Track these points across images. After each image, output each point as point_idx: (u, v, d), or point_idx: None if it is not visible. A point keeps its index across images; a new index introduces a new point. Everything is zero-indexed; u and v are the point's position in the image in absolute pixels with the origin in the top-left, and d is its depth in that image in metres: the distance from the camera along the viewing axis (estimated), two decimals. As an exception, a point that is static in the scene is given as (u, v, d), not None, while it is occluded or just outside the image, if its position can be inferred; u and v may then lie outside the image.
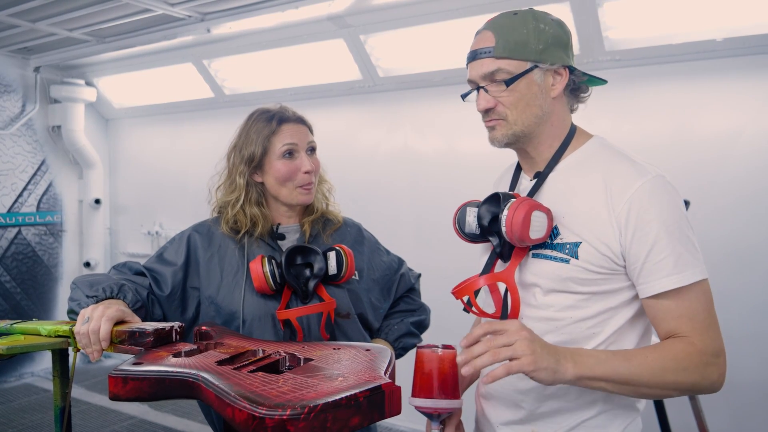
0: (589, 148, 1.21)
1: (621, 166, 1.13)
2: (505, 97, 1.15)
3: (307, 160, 1.45)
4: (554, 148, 1.21)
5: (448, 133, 3.43)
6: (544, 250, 1.15)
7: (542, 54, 1.14)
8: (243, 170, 1.47)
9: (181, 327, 1.18)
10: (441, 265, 2.30)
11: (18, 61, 4.48)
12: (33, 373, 4.68)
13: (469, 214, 1.24)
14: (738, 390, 2.60)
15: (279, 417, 0.80)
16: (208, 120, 4.46)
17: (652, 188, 1.08)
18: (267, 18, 3.26)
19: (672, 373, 1.03)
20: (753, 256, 2.56)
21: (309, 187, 1.47)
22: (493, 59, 1.15)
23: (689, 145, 2.70)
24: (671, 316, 1.07)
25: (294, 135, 1.46)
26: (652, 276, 1.06)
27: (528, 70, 1.14)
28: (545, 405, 1.17)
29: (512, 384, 1.19)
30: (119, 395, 0.98)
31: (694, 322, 1.06)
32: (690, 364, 1.04)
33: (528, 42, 1.13)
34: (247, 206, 1.47)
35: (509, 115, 1.16)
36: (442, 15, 2.97)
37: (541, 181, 1.20)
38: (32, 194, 4.66)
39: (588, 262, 1.10)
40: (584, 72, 1.22)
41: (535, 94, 1.16)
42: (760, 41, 2.46)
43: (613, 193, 1.10)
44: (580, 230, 1.12)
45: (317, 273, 1.40)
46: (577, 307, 1.13)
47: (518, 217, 1.09)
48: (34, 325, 1.30)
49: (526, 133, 1.18)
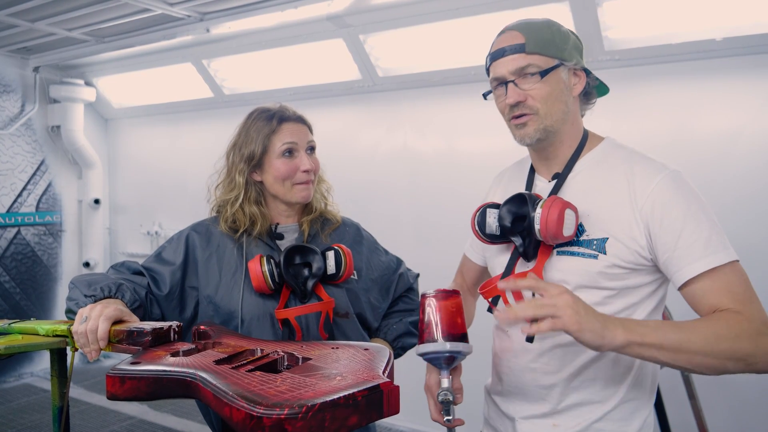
0: (604, 148, 1.25)
1: (640, 163, 1.17)
2: (537, 90, 1.18)
3: (306, 159, 1.46)
4: (572, 149, 1.25)
5: (447, 132, 3.43)
6: (570, 247, 1.18)
7: (567, 53, 1.20)
8: (242, 168, 1.47)
9: (179, 326, 1.18)
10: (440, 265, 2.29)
11: (17, 60, 4.47)
12: (32, 373, 4.68)
13: (489, 216, 1.26)
14: (737, 389, 2.60)
15: (277, 416, 0.80)
16: (207, 120, 4.46)
17: (672, 180, 1.13)
18: (266, 18, 3.26)
19: (726, 340, 1.01)
20: (753, 256, 2.55)
21: (308, 185, 1.47)
22: (525, 55, 1.18)
23: (689, 144, 2.69)
24: (711, 294, 1.06)
25: (294, 134, 1.46)
26: (684, 261, 1.08)
27: (556, 65, 1.18)
28: (569, 398, 1.19)
29: (536, 380, 1.22)
30: (117, 395, 0.98)
31: (736, 296, 1.06)
32: (742, 331, 1.01)
33: (555, 40, 1.19)
34: (246, 205, 1.47)
35: (540, 109, 1.19)
36: (442, 15, 2.97)
37: (561, 182, 1.23)
38: (31, 194, 4.66)
39: (616, 256, 1.13)
40: (596, 77, 1.27)
41: (562, 90, 1.20)
42: (759, 41, 2.46)
43: (635, 188, 1.13)
44: (606, 226, 1.15)
45: (316, 272, 1.40)
46: (603, 304, 1.15)
47: (553, 216, 1.11)
48: (32, 325, 1.30)
49: (555, 129, 1.21)
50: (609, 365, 1.17)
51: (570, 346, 1.17)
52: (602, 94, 1.31)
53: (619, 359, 1.17)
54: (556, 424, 1.20)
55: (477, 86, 1.55)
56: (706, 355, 1.01)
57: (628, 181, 1.15)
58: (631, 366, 1.17)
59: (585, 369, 1.18)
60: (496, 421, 1.34)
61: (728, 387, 2.60)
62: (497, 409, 1.33)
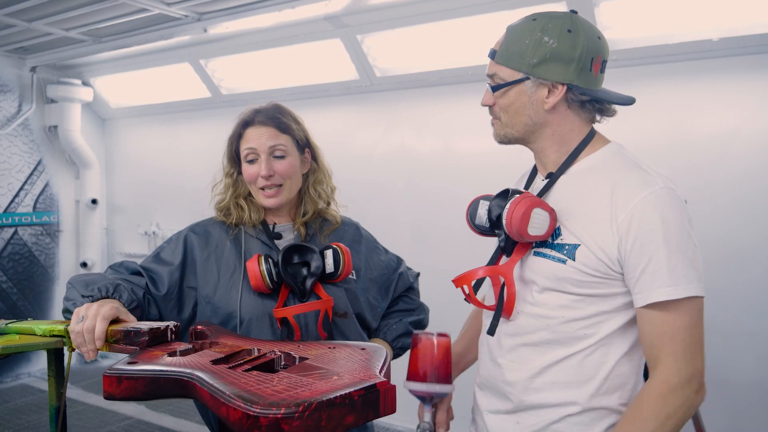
0: (602, 154, 1.22)
1: (630, 175, 1.14)
2: (499, 99, 1.21)
3: (264, 165, 1.43)
4: (563, 153, 1.23)
5: (445, 132, 3.44)
6: (544, 249, 1.18)
7: (535, 68, 1.15)
8: (230, 170, 1.54)
9: (176, 326, 1.18)
10: (438, 265, 2.30)
11: (14, 60, 4.46)
12: (29, 373, 4.67)
13: (481, 207, 1.27)
14: (734, 389, 2.60)
15: (273, 416, 0.80)
16: (205, 120, 4.45)
17: (656, 199, 1.09)
18: (264, 18, 3.26)
19: (663, 428, 1.06)
20: (750, 256, 2.57)
21: (271, 193, 1.46)
22: (494, 63, 1.21)
23: (686, 144, 2.70)
24: (655, 331, 1.08)
25: (254, 140, 1.45)
26: (647, 286, 1.08)
27: (519, 80, 1.17)
28: (531, 397, 1.19)
29: (501, 375, 1.23)
30: (114, 394, 0.98)
31: (674, 342, 1.07)
32: (671, 409, 1.06)
33: (524, 54, 1.16)
34: (233, 199, 1.52)
35: (502, 117, 1.22)
36: (439, 15, 2.97)
37: (552, 182, 1.23)
38: (29, 194, 4.65)
39: (584, 264, 1.12)
40: (585, 91, 1.18)
41: (525, 104, 1.19)
42: (756, 41, 2.47)
43: (617, 200, 1.11)
44: (581, 233, 1.14)
45: (314, 271, 1.39)
46: (570, 308, 1.15)
47: (518, 212, 1.12)
48: (29, 325, 1.30)
49: (518, 137, 1.23)
50: (573, 370, 1.16)
51: (536, 346, 1.18)
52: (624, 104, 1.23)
53: (584, 364, 1.15)
54: (519, 421, 1.21)
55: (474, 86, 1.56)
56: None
57: (613, 192, 1.12)
58: (595, 374, 1.15)
59: (547, 370, 1.18)
60: (475, 412, 1.36)
61: (726, 389, 2.61)
62: (475, 402, 1.35)
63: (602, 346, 1.15)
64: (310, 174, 1.55)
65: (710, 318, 3.02)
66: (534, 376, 1.19)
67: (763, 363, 2.55)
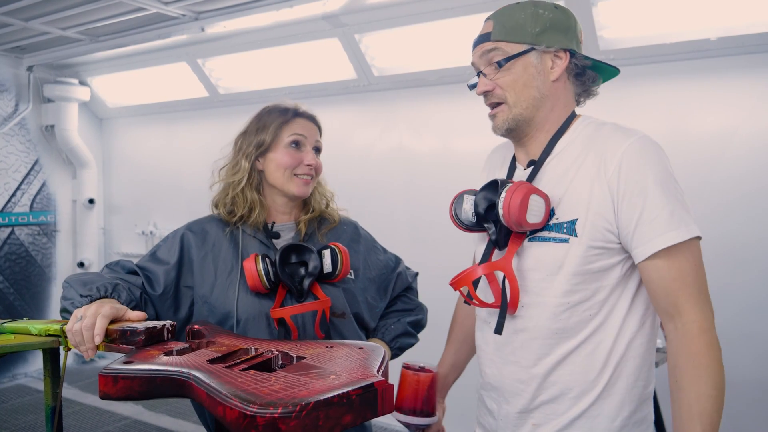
0: (576, 129, 1.21)
1: (607, 136, 1.15)
2: (501, 78, 1.17)
3: (311, 154, 1.49)
4: (550, 134, 1.21)
5: (443, 132, 3.43)
6: (542, 232, 1.15)
7: (539, 36, 1.15)
8: (250, 153, 1.49)
9: (172, 326, 1.17)
10: (436, 264, 2.29)
11: (11, 60, 4.45)
12: (26, 374, 4.66)
13: (466, 202, 1.24)
14: (733, 388, 2.59)
15: (270, 415, 0.79)
16: (202, 119, 4.45)
17: (640, 147, 1.10)
18: (261, 17, 3.25)
19: (712, 390, 1.04)
20: (748, 256, 2.57)
21: (307, 181, 1.48)
22: (490, 43, 1.17)
23: (684, 144, 2.70)
24: (665, 279, 1.06)
25: (304, 128, 1.50)
26: (647, 236, 1.06)
27: (524, 51, 1.15)
28: (548, 392, 1.16)
29: (513, 374, 1.20)
30: (110, 394, 0.97)
31: (688, 287, 1.06)
32: (719, 352, 1.05)
33: (525, 25, 1.15)
34: (247, 189, 1.49)
35: (508, 97, 1.17)
36: (437, 14, 2.97)
37: (537, 169, 1.20)
38: (25, 194, 4.64)
39: (587, 237, 1.10)
40: (588, 57, 1.21)
41: (533, 76, 1.16)
42: (753, 40, 2.47)
43: (601, 159, 1.11)
44: (576, 207, 1.12)
45: (312, 271, 1.39)
46: (573, 291, 1.13)
47: (516, 200, 1.08)
48: (25, 324, 1.29)
49: (526, 116, 1.18)
50: (588, 357, 1.14)
51: (546, 338, 1.15)
52: (609, 77, 1.25)
53: (598, 349, 1.13)
54: (535, 424, 1.18)
55: (472, 85, 1.56)
56: (719, 409, 1.04)
57: (595, 154, 1.13)
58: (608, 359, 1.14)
59: (562, 362, 1.15)
60: (481, 417, 1.33)
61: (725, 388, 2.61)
62: (483, 404, 1.32)
63: (613, 327, 1.13)
64: None
65: (708, 317, 2.97)
66: (550, 370, 1.16)
67: (762, 363, 2.55)
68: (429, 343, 1.75)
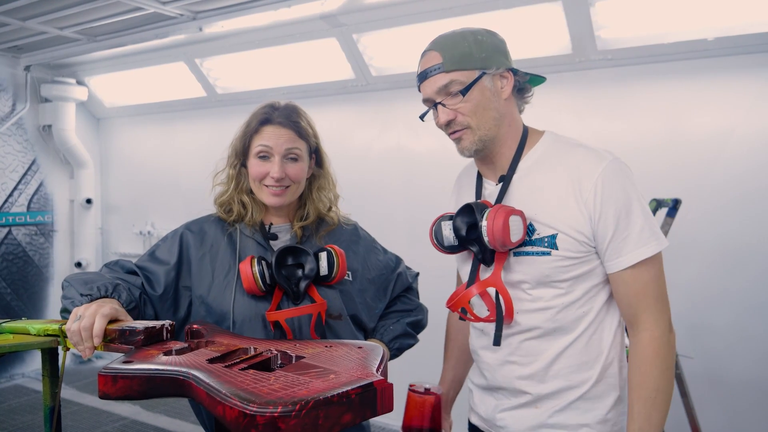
0: (544, 144, 1.28)
1: (580, 155, 1.22)
2: (463, 106, 1.23)
3: (276, 166, 1.41)
4: (513, 150, 1.28)
5: (440, 132, 3.41)
6: (524, 247, 1.23)
7: (486, 61, 1.22)
8: (234, 162, 1.50)
9: (171, 325, 1.17)
10: (435, 264, 2.29)
11: (8, 59, 4.44)
12: (24, 374, 4.65)
13: (444, 228, 1.31)
14: (729, 387, 2.61)
15: (270, 414, 0.79)
16: (200, 119, 4.44)
17: (613, 171, 1.18)
18: (259, 17, 3.25)
19: (664, 389, 1.18)
20: (744, 255, 2.58)
21: (278, 191, 1.44)
22: (444, 73, 1.23)
23: (681, 144, 2.71)
24: (630, 291, 1.19)
25: (270, 138, 1.43)
26: (618, 252, 1.17)
27: (478, 78, 1.22)
28: (548, 385, 1.25)
29: (514, 372, 1.28)
30: (109, 394, 0.97)
31: (647, 297, 1.18)
32: (669, 361, 1.19)
33: (472, 53, 1.22)
34: (238, 194, 1.50)
35: (471, 122, 1.24)
36: (435, 14, 2.97)
37: (507, 184, 1.27)
38: (23, 194, 4.63)
39: (566, 249, 1.19)
40: (525, 72, 1.29)
41: (489, 99, 1.23)
42: (751, 40, 2.47)
43: (580, 179, 1.19)
44: (554, 222, 1.20)
45: (308, 274, 1.38)
46: (565, 293, 1.22)
47: (498, 225, 1.16)
48: (23, 324, 1.29)
49: (490, 136, 1.25)
50: (582, 350, 1.24)
51: (542, 337, 1.24)
52: (537, 83, 1.32)
53: (591, 342, 1.24)
54: (537, 406, 1.27)
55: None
56: (667, 402, 1.19)
57: (571, 174, 1.20)
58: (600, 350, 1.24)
59: (559, 357, 1.24)
60: (479, 407, 1.40)
61: (720, 385, 2.62)
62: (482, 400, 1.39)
63: (600, 321, 1.24)
64: (314, 179, 1.54)
65: (707, 318, 3.05)
66: (548, 365, 1.24)
67: (760, 362, 2.56)
68: (429, 345, 1.75)
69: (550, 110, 1.25)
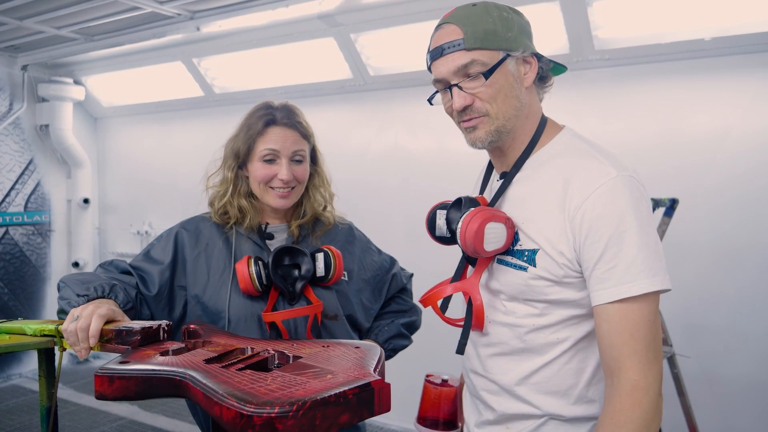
0: (558, 142, 1.14)
1: (585, 164, 1.06)
2: (483, 91, 1.07)
3: (285, 169, 1.41)
4: (525, 144, 1.15)
5: (439, 132, 3.44)
6: (506, 256, 1.12)
7: (512, 42, 1.07)
8: (231, 164, 1.48)
9: (168, 325, 1.17)
10: (432, 265, 2.29)
11: (5, 59, 4.43)
12: (21, 374, 4.64)
13: (439, 218, 1.22)
14: (726, 386, 2.61)
15: (267, 415, 0.79)
16: (197, 119, 4.44)
17: (611, 190, 1.01)
18: (257, 16, 3.25)
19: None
20: (742, 255, 2.58)
21: (284, 193, 1.44)
22: (464, 51, 1.06)
23: (678, 143, 2.71)
24: (613, 329, 1.00)
25: (277, 141, 1.42)
26: (601, 282, 1.00)
27: (502, 59, 1.06)
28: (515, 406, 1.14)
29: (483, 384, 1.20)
30: (105, 394, 0.97)
31: (635, 340, 0.99)
32: (649, 416, 0.98)
33: (497, 30, 1.06)
34: (235, 198, 1.48)
35: (490, 110, 1.08)
36: (433, 14, 2.97)
37: (508, 182, 1.15)
38: (20, 194, 4.62)
39: (545, 270, 1.06)
40: (549, 59, 1.16)
41: (512, 85, 1.08)
42: (748, 40, 2.48)
43: (571, 194, 1.04)
44: (538, 237, 1.07)
45: (305, 274, 1.38)
46: (539, 315, 1.10)
47: (471, 231, 1.05)
48: (20, 325, 1.28)
49: (508, 127, 1.10)
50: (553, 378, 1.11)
51: (510, 355, 1.14)
52: (558, 73, 1.19)
53: (563, 371, 1.10)
54: (509, 426, 1.16)
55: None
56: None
57: (565, 187, 1.05)
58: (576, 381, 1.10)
59: (527, 379, 1.13)
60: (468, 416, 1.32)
61: (717, 385, 2.62)
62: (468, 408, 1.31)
63: (580, 351, 1.09)
64: (309, 177, 1.53)
65: (704, 317, 3.05)
66: (515, 384, 1.13)
67: (756, 362, 2.56)
68: (423, 345, 1.75)
69: (547, 110, 1.22)
